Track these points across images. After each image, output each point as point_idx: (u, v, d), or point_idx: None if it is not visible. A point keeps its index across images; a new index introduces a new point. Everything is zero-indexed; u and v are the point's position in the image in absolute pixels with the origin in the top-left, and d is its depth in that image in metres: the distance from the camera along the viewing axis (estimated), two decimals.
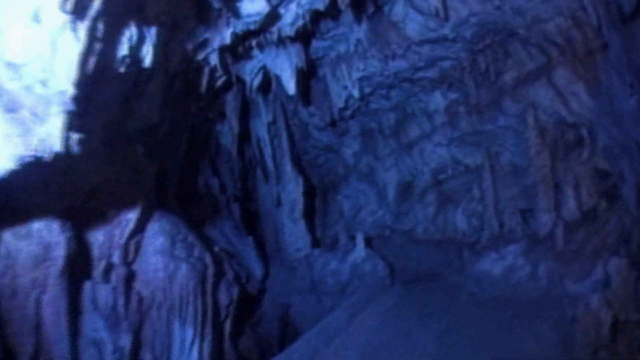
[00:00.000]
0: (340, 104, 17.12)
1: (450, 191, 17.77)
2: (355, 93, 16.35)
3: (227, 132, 20.21)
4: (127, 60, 6.81)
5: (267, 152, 20.23)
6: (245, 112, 20.92)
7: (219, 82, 15.29)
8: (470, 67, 15.40)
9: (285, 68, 14.52)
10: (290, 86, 14.38)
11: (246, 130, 21.43)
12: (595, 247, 11.89)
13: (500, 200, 15.57)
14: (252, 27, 11.51)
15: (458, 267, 15.01)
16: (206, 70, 13.49)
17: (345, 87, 16.70)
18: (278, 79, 15.07)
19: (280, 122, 19.69)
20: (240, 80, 15.87)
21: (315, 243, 20.66)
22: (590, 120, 13.23)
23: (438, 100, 17.27)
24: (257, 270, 17.32)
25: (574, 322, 9.96)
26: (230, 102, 18.28)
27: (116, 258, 8.92)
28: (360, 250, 16.51)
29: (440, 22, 13.65)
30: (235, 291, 12.19)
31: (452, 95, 16.80)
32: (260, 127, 20.23)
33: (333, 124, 20.29)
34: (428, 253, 17.36)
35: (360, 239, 16.51)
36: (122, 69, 6.82)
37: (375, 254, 16.33)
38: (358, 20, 14.11)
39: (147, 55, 7.79)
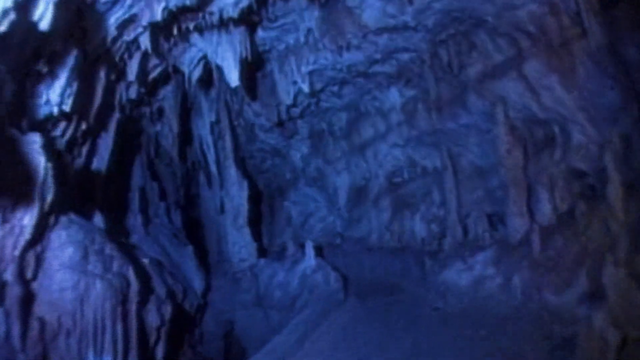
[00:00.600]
0: (288, 100, 15.35)
1: (407, 196, 16.18)
2: (305, 88, 14.61)
3: (168, 132, 18.28)
4: (12, 16, 4.86)
5: (211, 154, 18.37)
6: (187, 110, 19.12)
7: (155, 73, 13.36)
8: (431, 60, 13.87)
9: (227, 57, 12.65)
10: (233, 77, 12.52)
11: (189, 130, 19.67)
12: (575, 254, 10.39)
13: (464, 204, 14.04)
14: (187, 1, 9.63)
15: (419, 278, 13.39)
16: (136, 55, 11.53)
17: (294, 83, 14.94)
18: (220, 70, 13.17)
19: (224, 122, 17.84)
20: (179, 72, 13.93)
21: (262, 252, 18.87)
22: (564, 117, 11.80)
23: (394, 97, 15.70)
24: (197, 283, 15.38)
25: (568, 343, 8.36)
26: (169, 97, 16.38)
27: (9, 274, 6.85)
28: (309, 260, 14.75)
29: (401, 7, 12.04)
30: (168, 310, 10.25)
31: (410, 92, 15.26)
32: (202, 128, 18.41)
33: (281, 124, 18.55)
34: (384, 262, 15.72)
35: (309, 248, 14.74)
36: (4, 27, 4.87)
37: (327, 264, 14.58)
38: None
39: (45, 15, 5.82)
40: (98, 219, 10.54)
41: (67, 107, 8.51)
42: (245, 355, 14.29)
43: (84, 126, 10.34)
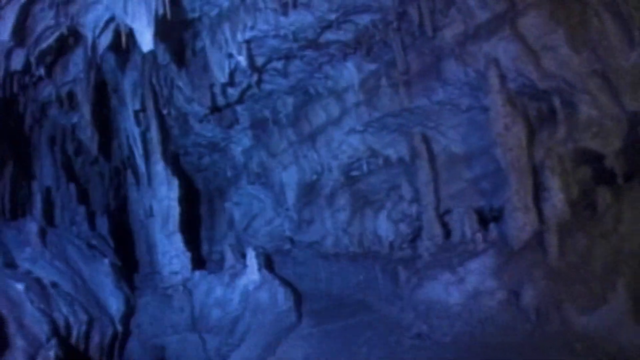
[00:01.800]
0: (222, 78, 12.04)
1: (368, 192, 13.08)
2: (242, 61, 11.35)
3: (85, 124, 14.77)
4: None
5: (137, 149, 14.91)
6: (108, 96, 15.62)
7: (49, 35, 9.86)
8: (398, 23, 10.78)
9: (139, 14, 9.27)
10: (146, 39, 9.19)
11: (112, 121, 16.22)
12: (606, 259, 7.42)
13: (441, 199, 10.98)
14: None
15: (390, 293, 10.28)
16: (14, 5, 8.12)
17: (229, 55, 11.66)
18: (132, 35, 9.78)
19: (150, 110, 14.38)
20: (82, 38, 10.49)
21: (200, 263, 15.54)
22: (571, 85, 8.86)
23: (351, 73, 12.58)
24: (115, 306, 11.89)
25: None
26: (81, 79, 12.84)
27: None
28: (252, 273, 11.47)
29: None
30: (50, 354, 6.82)
31: (370, 66, 12.16)
32: (126, 117, 14.92)
33: (216, 110, 15.23)
34: (343, 272, 12.57)
35: (251, 258, 11.49)
36: None
37: (274, 278, 11.37)
38: None
39: None
40: None
41: None
42: None
43: None
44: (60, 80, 12.65)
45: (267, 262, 15.13)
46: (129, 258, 17.29)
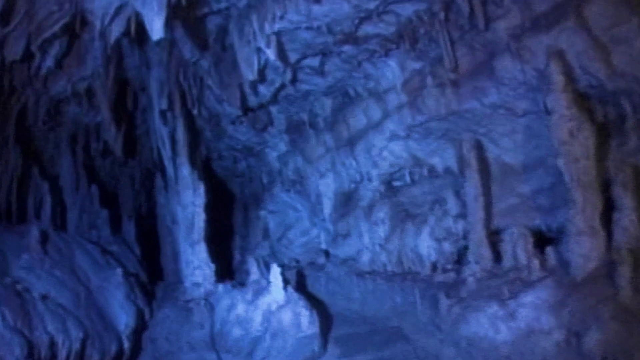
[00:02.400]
0: (250, 75, 10.84)
1: (410, 204, 11.67)
2: (271, 55, 10.12)
3: (107, 122, 13.92)
4: None
5: (166, 151, 13.84)
6: (134, 93, 14.73)
7: (53, 22, 8.91)
8: (445, 14, 9.42)
9: (150, 0, 8.21)
10: (155, 27, 8.14)
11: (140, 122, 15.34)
12: None
13: (493, 215, 9.53)
14: None
15: (429, 322, 8.88)
16: None
17: (258, 50, 10.46)
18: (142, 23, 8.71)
19: (177, 109, 13.37)
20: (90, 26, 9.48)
21: (230, 274, 14.44)
22: None
23: (393, 72, 11.24)
24: (122, 320, 10.89)
25: None
26: (97, 72, 11.94)
27: None
28: (276, 291, 10.22)
29: None
30: None
31: (415, 64, 10.80)
32: (153, 117, 13.95)
33: (249, 111, 14.08)
34: (378, 293, 11.22)
35: (275, 274, 10.21)
36: None
37: (299, 297, 10.08)
38: None
39: None
40: None
41: None
42: None
43: None
44: (76, 74, 11.78)
45: (299, 278, 13.92)
46: (158, 266, 16.39)
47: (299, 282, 14.08)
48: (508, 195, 10.11)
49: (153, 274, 15.59)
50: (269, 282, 10.64)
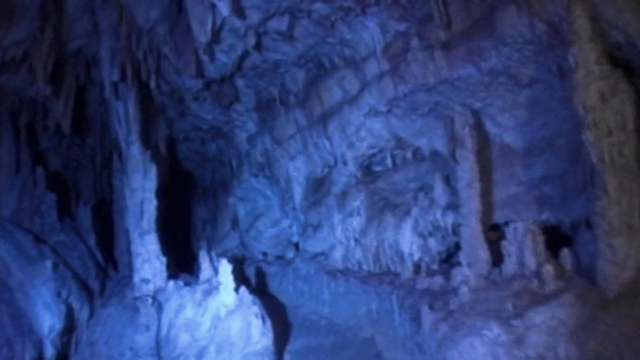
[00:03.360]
0: (204, 36, 8.88)
1: (390, 192, 9.68)
2: (225, 11, 8.15)
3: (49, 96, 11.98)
4: None
5: (121, 128, 11.89)
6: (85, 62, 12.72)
7: None
8: None
9: None
10: None
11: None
12: None
13: (491, 207, 7.55)
14: None
15: (410, 335, 6.88)
16: None
17: (212, 6, 8.47)
18: None
19: (128, 82, 11.43)
20: None
21: (185, 269, 12.53)
22: None
23: (373, 34, 9.22)
24: (46, 322, 8.91)
25: None
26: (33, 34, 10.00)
27: None
28: (226, 293, 8.26)
29: None
30: None
31: (398, 25, 8.74)
32: (105, 89, 11.96)
33: (212, 84, 12.10)
34: (351, 296, 9.23)
35: (226, 272, 8.27)
36: None
37: (253, 303, 8.10)
38: None
39: None
40: None
41: None
42: None
43: None
44: (8, 37, 9.77)
45: (260, 276, 11.97)
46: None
47: (260, 281, 12.13)
48: (509, 183, 8.16)
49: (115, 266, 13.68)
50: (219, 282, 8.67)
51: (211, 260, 9.88)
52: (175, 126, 14.72)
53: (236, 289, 8.35)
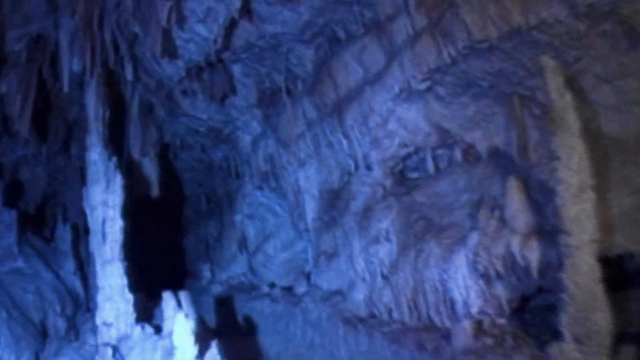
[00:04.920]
0: None
1: (433, 208, 6.47)
2: None
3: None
4: None
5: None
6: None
7: None
8: None
9: None
10: None
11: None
12: None
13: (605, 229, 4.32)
14: None
15: None
16: None
17: None
18: None
19: (87, 70, 8.72)
20: None
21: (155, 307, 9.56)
22: None
23: None
24: None
25: None
26: None
27: None
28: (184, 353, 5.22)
29: None
30: None
31: None
32: (63, 81, 9.20)
33: (198, 71, 9.22)
34: (376, 358, 6.05)
35: (184, 330, 5.22)
36: None
37: None
38: None
39: None
40: None
41: None
42: None
43: None
44: None
45: (260, 317, 8.95)
46: None
47: (262, 323, 9.10)
48: (620, 192, 4.95)
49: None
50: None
51: (179, 304, 6.90)
52: (167, 129, 11.79)
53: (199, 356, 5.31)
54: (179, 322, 5.46)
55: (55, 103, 10.43)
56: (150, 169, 11.63)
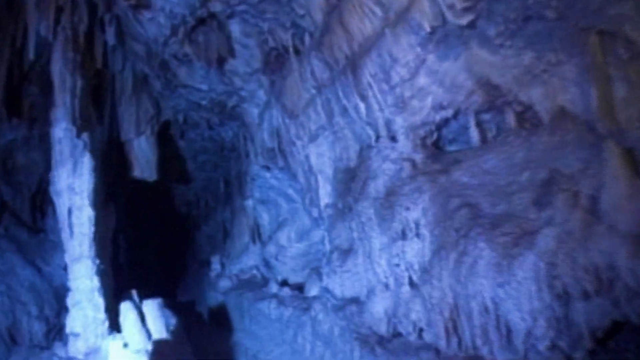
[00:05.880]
0: None
1: (481, 192, 4.59)
2: None
3: None
4: None
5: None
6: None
7: None
8: None
9: None
10: None
11: None
12: None
13: None
14: None
15: None
16: None
17: None
18: None
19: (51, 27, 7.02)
20: None
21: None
22: None
23: None
24: None
25: None
26: None
27: None
28: None
29: None
30: None
31: None
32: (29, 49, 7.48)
33: (191, 35, 7.47)
34: None
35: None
36: None
37: None
38: None
39: None
40: None
41: None
42: None
43: None
44: None
45: (252, 331, 7.29)
46: None
47: (266, 329, 7.42)
48: None
49: None
50: None
51: (142, 317, 5.25)
52: (165, 104, 10.17)
53: None
54: (114, 349, 3.79)
55: (30, 76, 8.87)
56: (147, 148, 10.05)
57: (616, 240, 3.16)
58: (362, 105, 5.73)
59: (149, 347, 5.16)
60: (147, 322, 5.58)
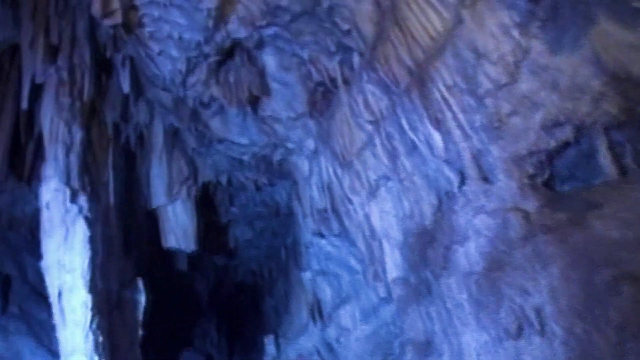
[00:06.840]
0: None
1: (637, 249, 2.64)
2: None
3: None
4: None
5: None
6: None
7: None
8: None
9: None
10: None
11: None
12: None
13: None
14: None
15: None
16: None
17: None
18: None
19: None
20: None
21: None
22: None
23: None
24: None
25: None
26: None
27: None
28: None
29: None
30: None
31: None
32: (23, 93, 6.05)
33: (217, 74, 5.91)
34: None
35: None
36: None
37: None
38: None
39: None
40: None
41: None
42: None
43: None
44: None
45: None
46: None
47: None
48: None
49: None
50: None
51: None
52: (202, 163, 8.68)
53: None
54: None
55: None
56: (182, 215, 8.54)
57: None
58: (436, 135, 3.92)
59: None
60: None
